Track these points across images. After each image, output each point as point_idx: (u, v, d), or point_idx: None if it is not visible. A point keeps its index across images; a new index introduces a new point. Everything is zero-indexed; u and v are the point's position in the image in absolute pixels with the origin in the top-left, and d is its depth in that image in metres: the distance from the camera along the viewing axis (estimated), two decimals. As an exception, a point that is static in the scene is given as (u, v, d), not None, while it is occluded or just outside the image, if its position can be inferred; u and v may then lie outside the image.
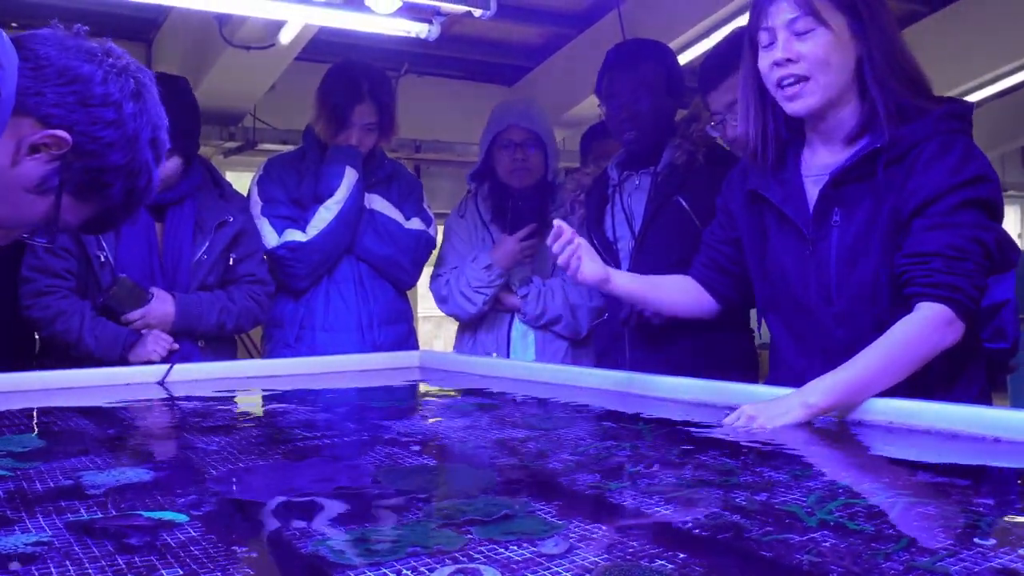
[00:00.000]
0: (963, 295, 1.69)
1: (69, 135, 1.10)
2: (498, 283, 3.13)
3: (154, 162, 1.20)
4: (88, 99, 1.12)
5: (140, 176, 1.18)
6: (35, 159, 1.11)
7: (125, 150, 1.15)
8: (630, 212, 2.85)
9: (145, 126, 1.17)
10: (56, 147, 1.11)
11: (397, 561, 1.00)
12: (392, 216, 3.19)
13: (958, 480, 1.31)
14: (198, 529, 1.13)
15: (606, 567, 0.97)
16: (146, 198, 1.23)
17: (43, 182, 1.13)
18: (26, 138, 1.11)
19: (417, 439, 1.76)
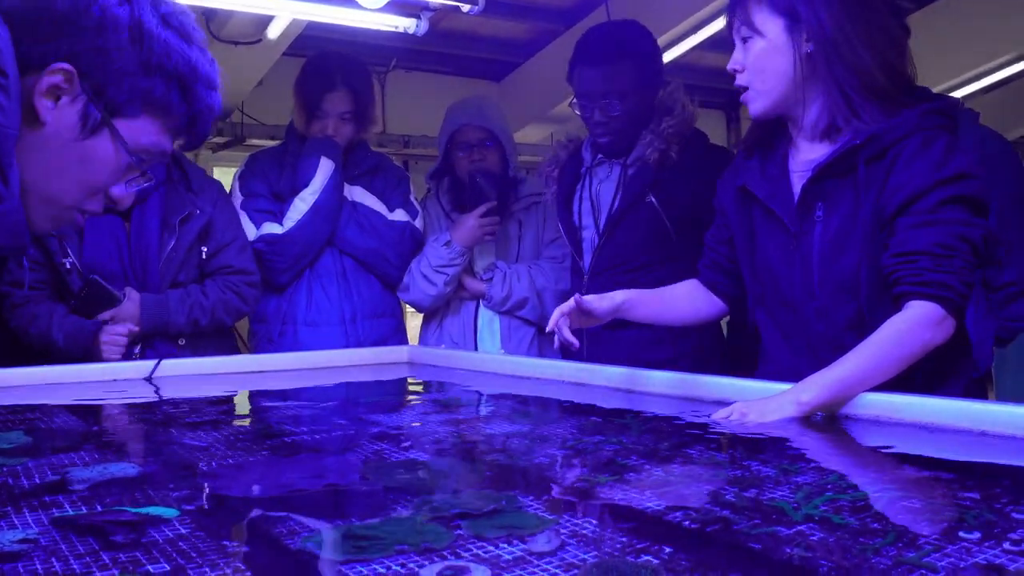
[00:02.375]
0: (953, 292, 1.70)
1: (68, 63, 1.01)
2: (459, 262, 3.06)
3: (182, 40, 1.07)
4: (65, 15, 1.01)
5: (171, 57, 1.05)
6: (60, 107, 1.02)
7: (134, 41, 1.03)
8: (597, 202, 2.78)
9: (143, 9, 1.05)
10: (67, 80, 1.01)
11: (386, 558, 0.99)
12: (375, 208, 3.16)
13: (944, 474, 1.32)
14: (185, 525, 1.13)
15: (592, 564, 0.97)
16: (204, 76, 1.09)
17: (85, 120, 1.03)
18: (35, 92, 1.01)
19: (405, 434, 1.76)
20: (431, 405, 2.19)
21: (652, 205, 2.65)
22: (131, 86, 1.05)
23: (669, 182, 2.66)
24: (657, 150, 2.64)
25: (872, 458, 1.53)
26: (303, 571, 0.99)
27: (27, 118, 1.01)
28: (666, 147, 2.64)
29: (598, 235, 2.72)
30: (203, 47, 1.13)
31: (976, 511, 1.12)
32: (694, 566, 0.96)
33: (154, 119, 1.08)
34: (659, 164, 2.66)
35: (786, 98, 1.89)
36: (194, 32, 1.12)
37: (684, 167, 2.66)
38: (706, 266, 2.26)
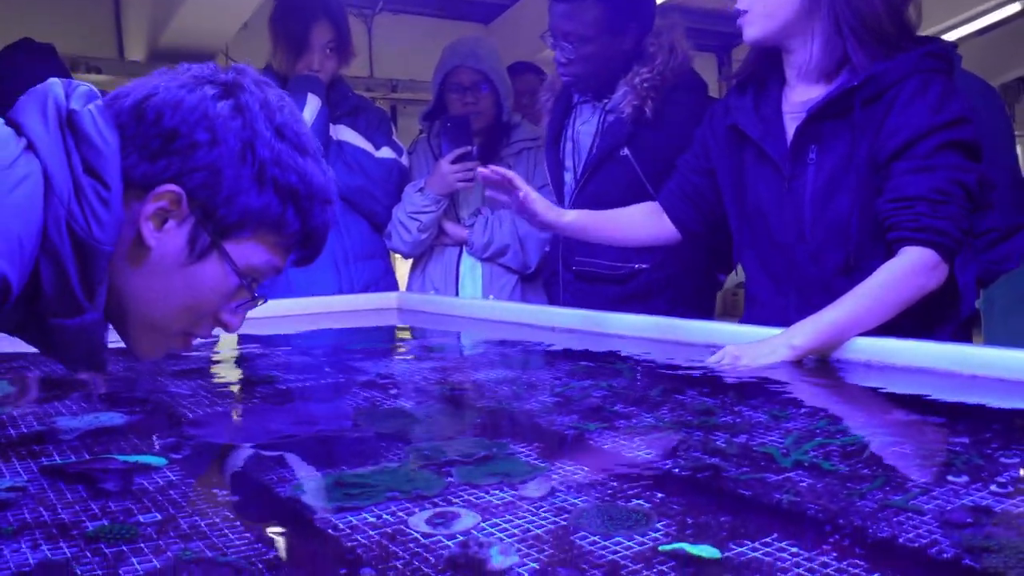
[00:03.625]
0: (948, 239, 1.69)
1: (176, 184, 0.92)
2: (433, 209, 3.02)
3: (296, 152, 0.98)
4: (175, 131, 0.92)
5: (286, 173, 0.96)
6: (166, 231, 0.93)
7: (243, 160, 0.94)
8: (577, 145, 2.70)
9: (255, 121, 0.96)
10: (175, 203, 0.92)
11: (376, 505, 0.99)
12: (361, 146, 3.12)
13: (934, 418, 1.32)
14: (175, 473, 1.12)
15: (583, 509, 0.97)
16: (320, 191, 1.00)
17: (192, 245, 0.94)
18: (141, 214, 0.92)
19: (395, 381, 1.75)
20: (421, 352, 2.18)
21: (627, 159, 2.55)
22: (243, 206, 0.93)
23: (649, 135, 2.53)
24: (630, 104, 2.50)
25: (862, 403, 1.54)
26: (293, 519, 0.99)
27: (130, 240, 0.93)
28: (640, 103, 2.49)
29: (575, 182, 2.68)
30: (317, 158, 1.02)
31: (965, 455, 1.12)
32: (684, 511, 0.96)
33: (266, 237, 0.98)
34: (633, 119, 2.52)
35: (786, 27, 1.85)
36: (309, 143, 1.01)
37: (668, 119, 2.51)
38: (671, 191, 2.21)
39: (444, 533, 0.91)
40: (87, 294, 0.89)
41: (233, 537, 0.91)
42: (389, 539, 0.90)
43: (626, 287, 2.57)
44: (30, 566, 0.82)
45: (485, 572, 0.81)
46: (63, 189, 0.86)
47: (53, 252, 0.85)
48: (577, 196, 2.62)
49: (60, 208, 0.85)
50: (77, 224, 0.86)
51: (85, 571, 0.82)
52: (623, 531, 0.90)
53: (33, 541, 0.89)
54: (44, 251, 0.85)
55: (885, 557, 0.83)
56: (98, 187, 0.87)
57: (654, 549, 0.85)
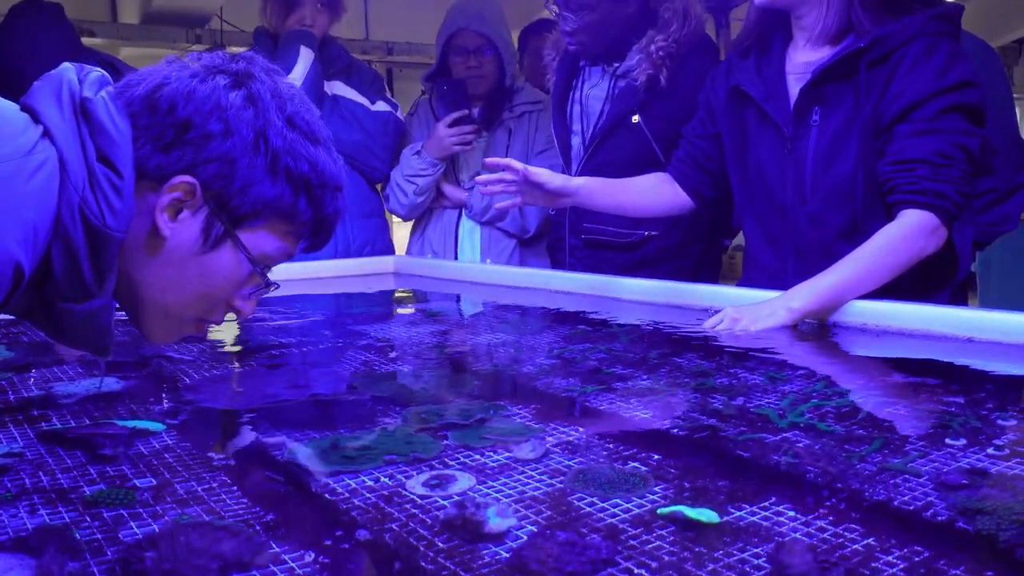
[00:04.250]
0: (948, 202, 1.68)
1: (190, 175, 0.92)
2: (430, 172, 2.99)
3: (308, 140, 0.98)
4: (188, 121, 0.92)
5: (298, 162, 0.96)
6: (180, 220, 0.93)
7: (256, 150, 0.94)
8: (586, 110, 2.64)
9: (267, 111, 0.95)
10: (189, 194, 0.92)
11: (375, 468, 1.00)
12: (357, 100, 3.10)
13: (930, 380, 1.32)
14: (173, 437, 1.12)
15: (580, 471, 0.97)
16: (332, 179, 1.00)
17: (207, 235, 0.94)
18: (155, 205, 0.92)
19: (392, 345, 1.75)
20: (418, 315, 2.18)
21: (639, 127, 2.50)
22: (257, 195, 0.93)
23: (661, 102, 2.49)
24: (644, 72, 2.45)
25: (859, 365, 1.54)
26: (291, 482, 0.99)
27: (144, 230, 0.93)
28: (654, 71, 2.43)
29: (584, 148, 2.65)
30: (328, 146, 1.02)
31: (962, 417, 1.12)
32: (681, 474, 0.96)
33: (278, 226, 0.98)
34: (647, 88, 2.46)
35: None
36: (320, 131, 1.00)
37: (681, 85, 2.45)
38: (680, 159, 2.19)
39: (441, 495, 0.91)
40: (97, 280, 0.89)
41: (230, 501, 0.91)
42: (386, 501, 0.90)
43: (634, 254, 2.56)
44: (28, 531, 0.82)
45: (482, 534, 0.81)
46: (78, 177, 0.86)
47: (65, 239, 0.86)
48: (586, 162, 2.58)
49: (75, 195, 0.86)
50: (91, 212, 0.86)
51: (84, 535, 0.82)
52: (621, 494, 0.91)
53: (31, 506, 0.89)
54: (56, 237, 0.86)
55: (881, 520, 0.83)
56: (111, 175, 0.88)
57: (652, 512, 0.86)
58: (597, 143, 2.55)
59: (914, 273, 1.72)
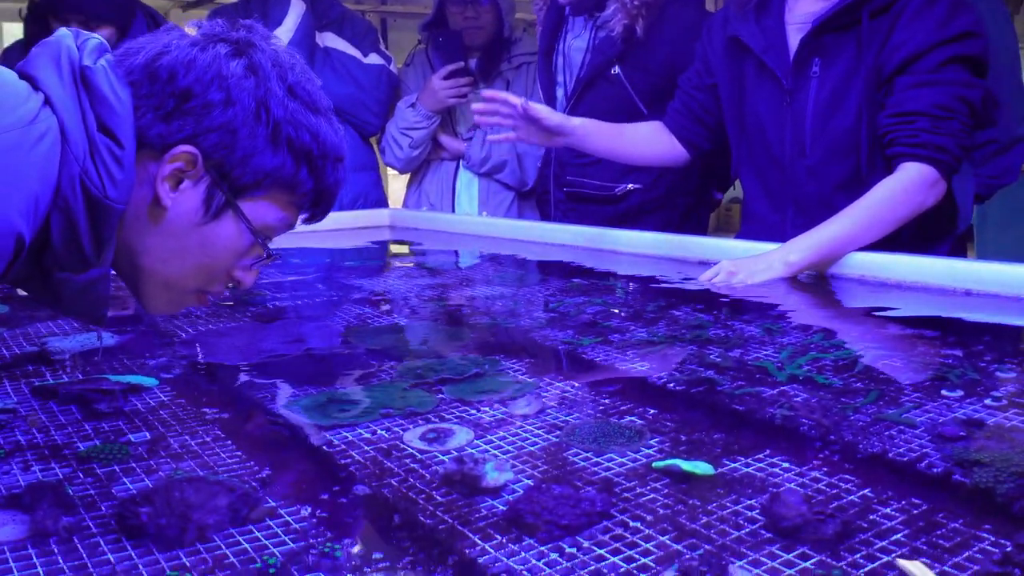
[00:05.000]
0: (948, 155, 1.66)
1: (191, 145, 0.90)
2: (425, 125, 2.96)
3: (309, 110, 0.96)
4: (188, 91, 0.90)
5: (299, 132, 0.94)
6: (182, 191, 0.91)
7: (257, 119, 0.92)
8: (569, 61, 2.61)
9: (269, 80, 0.93)
10: (190, 164, 0.90)
11: (371, 422, 0.99)
12: (350, 53, 3.06)
13: (928, 332, 1.32)
14: (167, 393, 1.12)
15: (575, 425, 0.97)
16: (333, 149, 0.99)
17: (208, 205, 0.93)
18: (156, 176, 0.90)
19: (387, 298, 1.75)
20: (413, 269, 2.17)
21: (619, 78, 2.47)
22: (258, 166, 0.92)
23: (640, 53, 2.45)
24: (620, 23, 2.40)
25: (856, 317, 1.53)
26: (287, 437, 0.99)
27: (145, 200, 0.91)
28: (630, 21, 2.39)
29: (566, 99, 2.62)
30: (330, 116, 0.99)
31: (959, 369, 1.12)
32: (677, 427, 0.96)
33: (280, 196, 0.97)
34: (624, 38, 2.43)
35: None
36: (321, 101, 0.98)
37: (661, 36, 2.43)
38: (676, 110, 2.16)
39: (439, 450, 0.91)
40: (96, 251, 0.88)
41: (225, 456, 0.90)
42: (384, 455, 0.90)
43: (617, 207, 2.54)
44: (21, 487, 0.82)
45: (480, 488, 0.81)
46: (79, 147, 0.85)
47: (65, 209, 0.84)
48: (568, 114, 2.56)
49: (75, 166, 0.84)
50: (91, 183, 0.84)
51: (78, 491, 0.82)
52: (616, 447, 0.90)
53: (24, 463, 0.89)
54: (56, 207, 0.84)
55: (876, 471, 0.83)
56: (112, 146, 0.86)
57: (647, 466, 0.86)
58: (578, 95, 2.52)
59: (913, 226, 1.71)
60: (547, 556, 0.69)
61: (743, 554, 0.68)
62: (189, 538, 0.72)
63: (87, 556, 0.69)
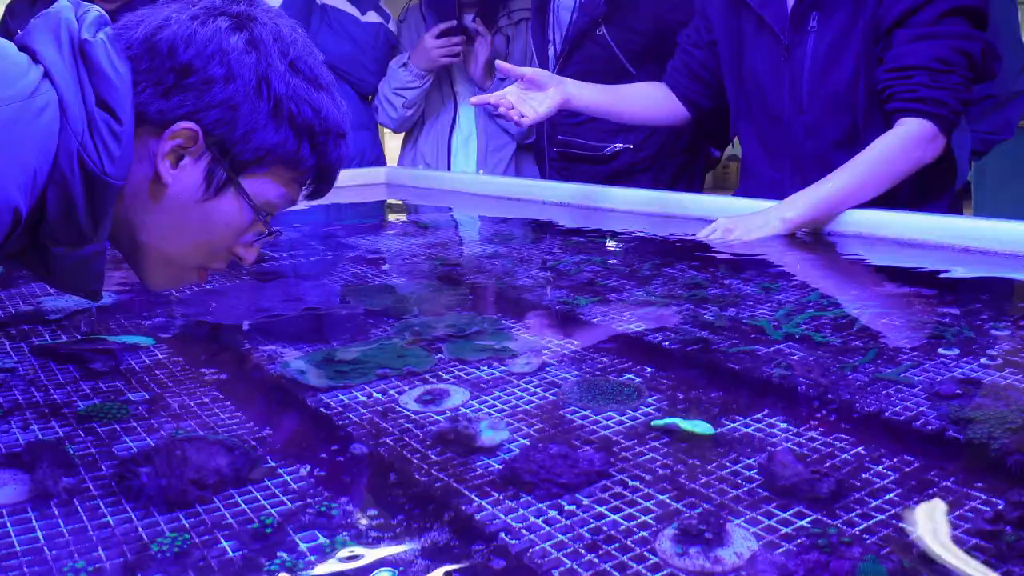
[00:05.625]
0: (947, 110, 1.65)
1: (191, 122, 0.88)
2: (418, 85, 2.93)
3: (311, 86, 0.94)
4: (189, 66, 0.88)
5: (301, 108, 0.93)
6: (182, 168, 0.90)
7: (259, 95, 0.91)
8: (558, 20, 2.57)
9: (270, 55, 0.92)
10: (191, 141, 0.89)
11: (367, 383, 0.99)
12: (346, 10, 3.02)
13: (925, 290, 1.32)
14: (164, 352, 1.12)
15: (573, 384, 0.97)
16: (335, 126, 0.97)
17: (209, 182, 0.92)
18: (156, 153, 0.89)
19: (385, 257, 1.74)
20: (410, 227, 2.17)
21: (604, 39, 2.44)
22: (260, 142, 0.90)
23: (625, 13, 2.41)
24: None
25: (854, 275, 1.53)
26: (284, 398, 0.99)
27: (145, 176, 0.90)
28: None
29: (555, 58, 2.61)
30: (332, 91, 0.97)
31: (956, 327, 1.12)
32: (675, 386, 0.96)
33: (281, 173, 0.95)
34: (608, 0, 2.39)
35: None
36: (323, 76, 0.96)
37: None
38: (675, 68, 2.14)
39: (434, 410, 0.91)
40: (92, 227, 0.87)
41: (224, 416, 0.91)
42: (380, 416, 0.90)
43: (609, 166, 2.52)
44: (20, 446, 0.82)
45: (475, 447, 0.81)
46: (77, 122, 0.83)
47: (62, 184, 0.83)
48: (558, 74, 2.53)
49: (73, 141, 0.83)
50: (89, 158, 0.83)
51: (78, 450, 0.82)
52: (614, 406, 0.91)
53: (24, 421, 0.89)
54: (53, 182, 0.83)
55: (872, 430, 0.83)
56: (110, 121, 0.85)
57: (646, 424, 0.86)
58: (567, 55, 2.49)
59: (911, 182, 1.70)
60: (545, 514, 0.69)
61: (741, 512, 0.69)
62: (189, 499, 0.72)
63: (87, 519, 0.70)
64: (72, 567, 0.63)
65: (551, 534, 0.66)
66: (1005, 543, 0.62)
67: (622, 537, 0.66)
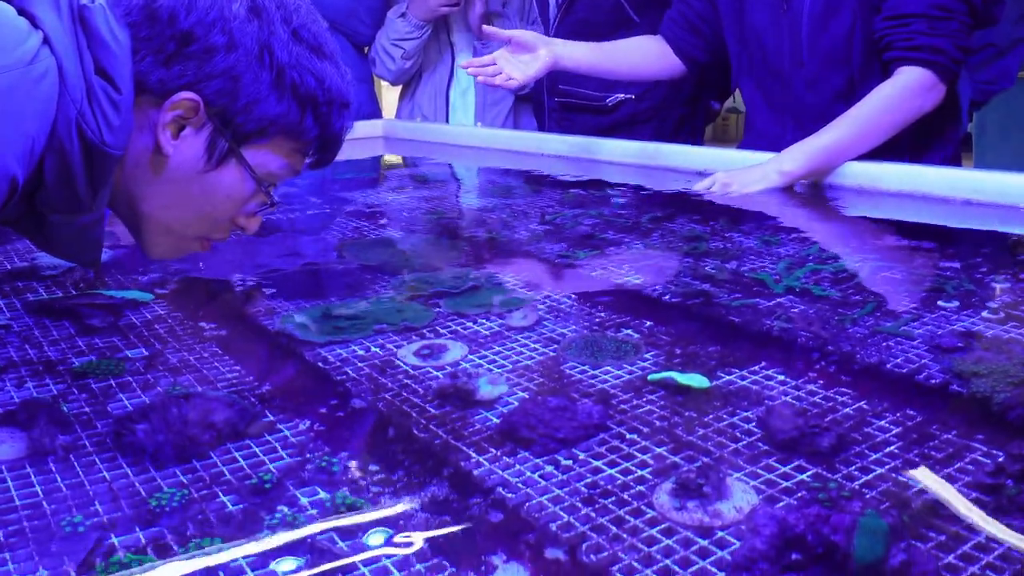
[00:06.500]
0: (946, 57, 1.62)
1: (193, 92, 0.86)
2: (416, 36, 2.90)
3: (314, 55, 0.92)
4: (190, 34, 0.86)
5: (304, 77, 0.90)
6: (183, 138, 0.88)
7: (261, 64, 0.88)
8: None
9: (273, 23, 0.89)
10: (192, 111, 0.87)
11: (365, 338, 0.99)
12: None
13: (926, 243, 1.31)
14: (163, 307, 1.11)
15: (572, 338, 0.97)
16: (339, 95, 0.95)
17: (210, 153, 0.90)
18: (158, 122, 0.87)
19: (382, 211, 1.73)
20: (407, 181, 2.15)
21: None
22: (262, 113, 0.87)
23: None
24: None
25: (854, 228, 1.52)
26: (282, 353, 0.99)
27: (146, 147, 0.87)
28: None
29: (557, 7, 2.56)
30: (336, 60, 0.94)
31: (956, 280, 1.12)
32: (674, 340, 0.96)
33: (284, 144, 0.92)
34: None
35: None
36: (327, 45, 0.93)
37: None
38: (672, 19, 2.10)
39: (433, 365, 0.91)
40: (91, 195, 0.86)
41: (223, 370, 0.90)
42: (379, 371, 0.90)
43: (611, 117, 2.50)
44: (15, 404, 0.82)
45: (474, 402, 0.81)
46: (76, 90, 0.82)
47: (61, 152, 0.82)
48: (559, 24, 2.50)
49: (72, 109, 0.81)
50: (88, 127, 0.81)
51: (73, 408, 0.82)
52: (612, 360, 0.90)
53: (19, 378, 0.89)
54: (51, 149, 0.82)
55: (872, 383, 0.83)
56: (109, 90, 0.83)
57: (643, 378, 0.86)
58: (568, 3, 2.46)
59: (912, 132, 1.68)
60: (542, 468, 0.69)
61: (740, 466, 0.68)
62: (187, 454, 0.72)
63: (84, 474, 0.70)
64: (70, 521, 0.63)
65: (548, 488, 0.66)
66: (1006, 496, 0.62)
67: (619, 491, 0.66)
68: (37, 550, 0.60)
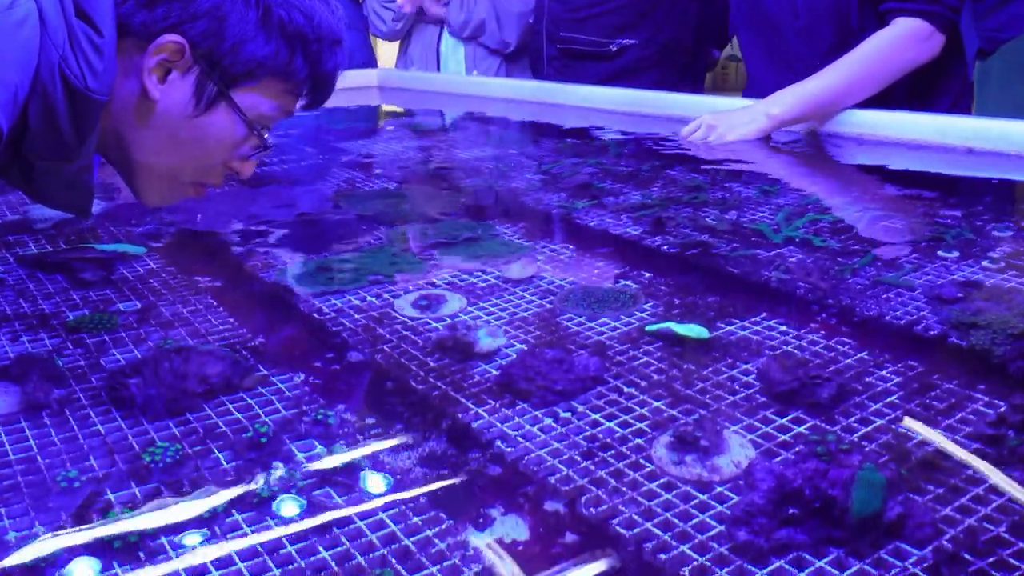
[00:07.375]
0: (942, 6, 1.59)
1: (178, 35, 0.83)
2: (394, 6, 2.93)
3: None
4: None
5: (293, 16, 0.88)
6: (170, 82, 0.86)
7: (247, 3, 0.85)
8: None
9: None
10: (177, 54, 0.84)
11: (361, 288, 0.98)
12: None
13: (927, 192, 1.30)
14: (156, 260, 1.10)
15: (569, 290, 0.96)
16: (329, 32, 0.92)
17: (199, 97, 0.87)
18: (143, 67, 0.84)
19: (377, 162, 1.71)
20: (403, 131, 2.13)
21: None
22: (250, 54, 0.84)
23: None
24: None
25: (854, 178, 1.51)
26: (277, 305, 0.98)
27: (133, 92, 0.84)
28: None
29: None
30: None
31: (957, 229, 1.11)
32: (673, 291, 0.95)
33: (274, 85, 0.89)
34: None
35: None
36: None
37: None
38: None
39: (431, 317, 0.90)
40: (77, 142, 0.84)
41: (217, 323, 0.90)
42: (376, 323, 0.89)
43: (613, 64, 2.46)
44: (10, 359, 0.81)
45: (473, 354, 0.81)
46: (58, 34, 0.79)
47: (44, 97, 0.80)
48: None
49: (54, 54, 0.79)
50: (71, 72, 0.79)
51: (67, 362, 0.81)
52: (610, 312, 0.90)
53: (13, 333, 0.88)
54: (35, 95, 0.79)
55: (873, 334, 0.83)
56: (91, 33, 0.80)
57: (640, 330, 0.85)
58: None
59: (916, 81, 1.66)
60: (541, 421, 0.69)
61: (738, 419, 0.68)
62: (180, 407, 0.71)
63: (77, 428, 0.69)
64: (65, 476, 0.63)
65: (547, 441, 0.66)
66: (1007, 447, 0.62)
67: (617, 444, 0.65)
68: (32, 504, 0.60)
